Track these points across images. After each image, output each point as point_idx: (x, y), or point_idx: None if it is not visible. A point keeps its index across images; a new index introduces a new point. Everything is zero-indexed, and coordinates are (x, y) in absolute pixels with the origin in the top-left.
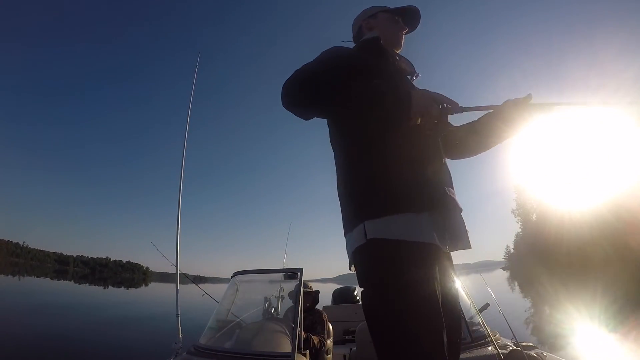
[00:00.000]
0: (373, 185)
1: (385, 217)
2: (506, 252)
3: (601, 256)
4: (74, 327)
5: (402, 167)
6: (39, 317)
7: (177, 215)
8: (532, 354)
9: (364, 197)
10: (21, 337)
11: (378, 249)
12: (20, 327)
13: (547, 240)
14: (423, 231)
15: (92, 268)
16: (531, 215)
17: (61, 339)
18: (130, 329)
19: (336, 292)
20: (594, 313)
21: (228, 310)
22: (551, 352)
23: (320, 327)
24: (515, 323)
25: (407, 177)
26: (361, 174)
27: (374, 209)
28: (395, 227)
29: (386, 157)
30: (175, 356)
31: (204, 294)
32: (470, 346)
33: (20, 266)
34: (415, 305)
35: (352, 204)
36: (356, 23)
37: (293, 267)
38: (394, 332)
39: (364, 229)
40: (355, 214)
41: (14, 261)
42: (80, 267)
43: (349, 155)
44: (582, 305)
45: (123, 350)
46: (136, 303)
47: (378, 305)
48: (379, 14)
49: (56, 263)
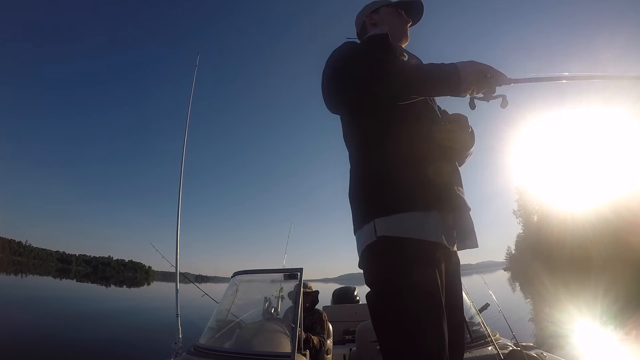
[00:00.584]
0: (384, 183)
1: (395, 215)
2: (507, 253)
3: (603, 256)
4: (74, 327)
5: (413, 165)
6: (39, 317)
7: (177, 215)
8: (532, 354)
9: (375, 194)
10: (20, 335)
11: (387, 247)
12: (20, 326)
13: (549, 240)
14: (433, 230)
15: (95, 267)
16: (532, 217)
17: (60, 339)
18: (130, 329)
19: (336, 292)
20: (596, 313)
21: (228, 310)
22: (553, 352)
23: (320, 327)
24: (517, 323)
25: (417, 175)
26: (372, 172)
27: (385, 207)
28: (406, 225)
29: (397, 154)
30: (175, 356)
31: (204, 294)
32: (470, 346)
33: (23, 265)
34: (421, 306)
35: (363, 202)
36: (359, 19)
37: (293, 267)
38: (398, 331)
39: (374, 227)
40: (366, 211)
41: (16, 260)
42: (82, 265)
43: (361, 153)
44: (584, 305)
45: (123, 350)
46: (137, 303)
47: (384, 304)
48: (381, 9)
49: (58, 262)
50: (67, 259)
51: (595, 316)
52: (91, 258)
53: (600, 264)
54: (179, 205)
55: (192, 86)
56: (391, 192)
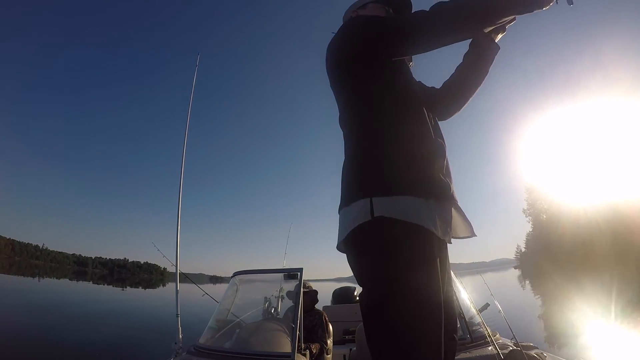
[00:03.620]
0: (389, 161)
1: (398, 197)
2: (517, 251)
3: (614, 253)
4: (74, 327)
5: (419, 150)
6: (39, 316)
7: (177, 215)
8: (532, 354)
9: (375, 172)
10: (22, 335)
11: (387, 229)
12: (20, 326)
13: (561, 238)
14: (431, 218)
15: (111, 269)
16: (541, 215)
17: (59, 339)
18: (130, 329)
19: (336, 292)
20: (608, 311)
21: (228, 310)
22: (562, 350)
23: (322, 330)
24: (524, 322)
25: (421, 161)
26: (376, 149)
27: (386, 186)
28: (410, 209)
29: (404, 136)
30: (175, 356)
31: (204, 294)
32: (470, 346)
33: (40, 268)
34: (425, 308)
35: (359, 177)
36: (346, 16)
37: (293, 267)
38: (398, 335)
39: (371, 205)
40: (360, 186)
41: (34, 263)
42: (98, 268)
43: (362, 130)
44: (596, 302)
45: (123, 350)
46: (137, 303)
47: (383, 297)
48: (368, 5)
49: (75, 264)
50: (84, 262)
51: (608, 313)
52: (107, 260)
53: (613, 260)
54: (179, 205)
55: (193, 85)
56: (393, 172)
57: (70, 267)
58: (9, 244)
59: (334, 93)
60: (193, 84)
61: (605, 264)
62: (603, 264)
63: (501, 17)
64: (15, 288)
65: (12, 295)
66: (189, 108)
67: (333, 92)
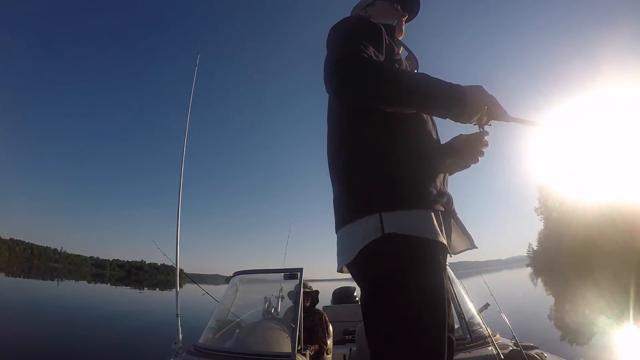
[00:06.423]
0: (394, 171)
1: (407, 211)
2: (529, 249)
3: (625, 250)
4: (74, 328)
5: (425, 162)
6: (38, 316)
7: (177, 215)
8: (532, 354)
9: (382, 183)
10: (23, 335)
11: (400, 246)
12: (19, 327)
13: (572, 236)
14: (440, 231)
15: (128, 271)
16: (553, 213)
17: (59, 338)
18: (130, 328)
19: (336, 292)
20: (621, 309)
21: (228, 310)
22: (571, 349)
23: (322, 330)
24: (533, 320)
25: (428, 173)
26: (379, 159)
27: (395, 199)
28: (420, 223)
29: (411, 148)
30: (175, 356)
31: (205, 293)
32: (470, 346)
33: (59, 271)
34: (434, 320)
35: (362, 190)
36: (354, 12)
37: (293, 267)
38: (398, 329)
39: (380, 221)
40: (366, 202)
41: (52, 266)
42: (116, 270)
43: (365, 136)
44: (609, 300)
45: (123, 350)
46: (138, 304)
47: (385, 298)
48: (376, 2)
49: (93, 267)
50: (102, 264)
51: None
52: (124, 262)
53: (624, 258)
54: (179, 205)
55: (193, 86)
56: (400, 184)
57: (89, 269)
58: (28, 248)
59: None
60: (193, 84)
61: (616, 261)
62: (614, 262)
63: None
64: (30, 291)
65: (28, 299)
66: (189, 108)
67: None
